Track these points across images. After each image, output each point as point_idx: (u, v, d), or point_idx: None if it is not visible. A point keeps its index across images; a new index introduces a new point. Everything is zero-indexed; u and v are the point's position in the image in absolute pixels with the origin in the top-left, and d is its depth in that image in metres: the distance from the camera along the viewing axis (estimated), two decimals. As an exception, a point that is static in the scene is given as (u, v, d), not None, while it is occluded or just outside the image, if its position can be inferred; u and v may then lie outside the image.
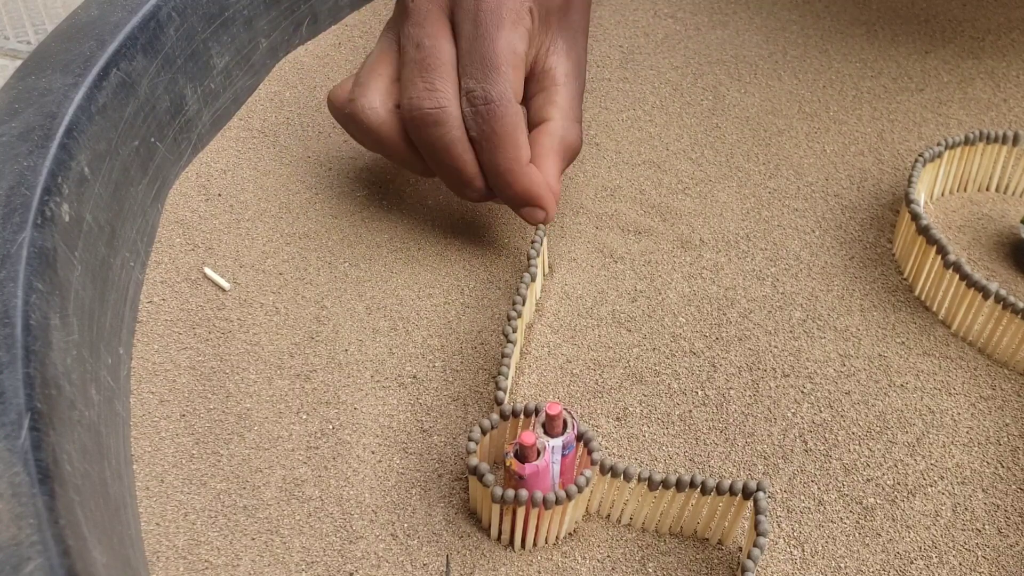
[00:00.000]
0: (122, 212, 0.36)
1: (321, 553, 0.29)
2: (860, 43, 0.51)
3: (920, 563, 0.29)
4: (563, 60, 0.38)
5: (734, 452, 0.32)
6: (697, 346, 0.35)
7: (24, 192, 0.30)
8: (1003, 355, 0.35)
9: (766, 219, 0.41)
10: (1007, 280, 0.38)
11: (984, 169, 0.41)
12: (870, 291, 0.37)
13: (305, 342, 0.35)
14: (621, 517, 0.30)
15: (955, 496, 0.31)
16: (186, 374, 0.34)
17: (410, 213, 0.41)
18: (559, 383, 0.34)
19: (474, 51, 0.35)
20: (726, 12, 0.53)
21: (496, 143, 0.35)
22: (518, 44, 0.36)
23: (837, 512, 0.30)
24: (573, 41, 0.38)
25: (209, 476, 0.31)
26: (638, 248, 0.39)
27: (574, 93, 0.38)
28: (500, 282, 0.38)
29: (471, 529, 0.30)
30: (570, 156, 0.37)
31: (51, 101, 0.34)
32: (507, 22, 0.35)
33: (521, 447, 0.27)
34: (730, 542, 0.29)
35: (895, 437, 0.33)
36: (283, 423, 0.33)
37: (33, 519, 0.22)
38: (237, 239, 0.39)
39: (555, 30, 0.38)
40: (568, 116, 0.37)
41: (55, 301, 0.29)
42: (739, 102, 0.47)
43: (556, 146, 0.36)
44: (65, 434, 0.26)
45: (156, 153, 0.39)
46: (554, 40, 0.38)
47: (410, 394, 0.34)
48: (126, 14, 0.39)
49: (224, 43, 0.44)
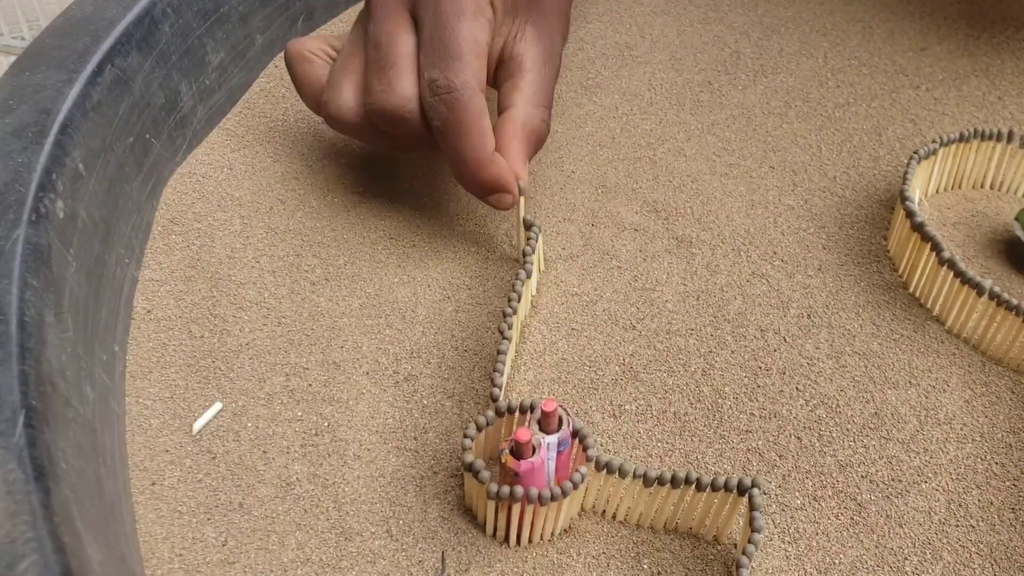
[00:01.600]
0: (117, 209, 0.36)
1: (317, 550, 0.29)
2: (856, 40, 0.51)
3: (914, 559, 0.29)
4: (531, 46, 0.37)
5: (729, 449, 0.32)
6: (692, 343, 0.35)
7: (19, 188, 0.30)
8: (997, 352, 0.35)
9: (761, 216, 0.41)
10: (1001, 277, 0.38)
11: (979, 166, 0.41)
12: (865, 288, 0.38)
13: (300, 340, 0.35)
14: (616, 514, 0.30)
15: (949, 492, 0.31)
16: (181, 371, 0.34)
17: (405, 210, 0.41)
18: (554, 380, 0.34)
19: (436, 41, 0.35)
20: (722, 9, 0.53)
21: (460, 132, 0.35)
22: (480, 34, 0.35)
23: (832, 508, 0.30)
24: (544, 26, 0.38)
25: (204, 474, 0.31)
26: (634, 245, 0.39)
27: (542, 80, 0.37)
28: (495, 279, 0.38)
29: (467, 526, 0.30)
30: (534, 141, 0.37)
31: (46, 97, 0.34)
32: (468, 12, 0.35)
33: (516, 444, 0.27)
34: (725, 538, 0.29)
35: (889, 434, 0.33)
36: (278, 421, 0.33)
37: (28, 516, 0.22)
38: (232, 236, 0.39)
39: (523, 16, 0.38)
40: (531, 102, 0.37)
41: (50, 298, 0.29)
42: (735, 99, 0.47)
43: (518, 132, 0.36)
44: (60, 431, 0.26)
45: (151, 150, 0.39)
46: (522, 27, 0.38)
47: (405, 391, 0.34)
48: (121, 10, 0.38)
49: (219, 39, 0.43)
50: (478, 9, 0.36)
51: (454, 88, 0.34)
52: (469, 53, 0.35)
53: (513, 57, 0.37)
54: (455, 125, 0.35)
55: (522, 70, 0.37)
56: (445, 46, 0.35)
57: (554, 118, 0.45)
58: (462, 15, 0.35)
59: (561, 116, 0.45)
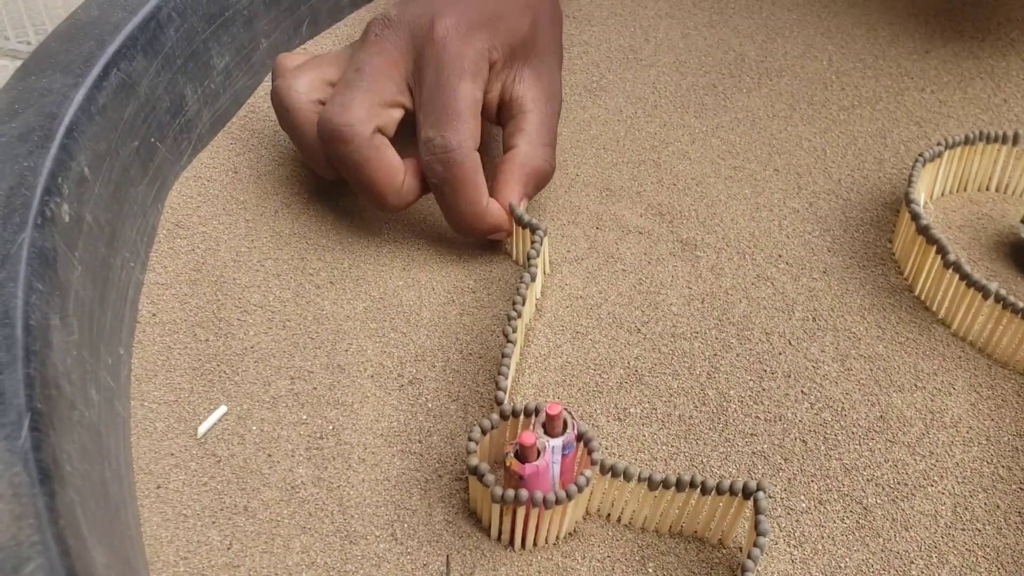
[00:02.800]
0: (122, 212, 0.36)
1: (321, 554, 0.29)
2: (860, 43, 0.51)
3: (920, 563, 0.29)
4: (530, 88, 0.39)
5: (734, 452, 0.32)
6: (697, 346, 0.35)
7: (24, 192, 0.30)
8: (1003, 355, 0.35)
9: (766, 219, 0.41)
10: (1007, 280, 0.38)
11: (984, 169, 0.41)
12: (870, 291, 0.37)
13: (304, 343, 0.35)
14: (621, 517, 0.30)
15: (955, 496, 0.31)
16: (186, 375, 0.34)
17: (410, 214, 0.41)
18: (559, 383, 0.34)
19: (436, 100, 0.36)
20: (726, 12, 0.53)
21: (456, 188, 0.36)
22: (478, 93, 0.37)
23: (837, 512, 0.30)
24: (541, 67, 0.40)
25: (209, 477, 0.31)
26: (638, 248, 0.39)
27: (543, 118, 0.39)
28: (500, 282, 0.38)
29: (471, 529, 0.30)
30: (536, 179, 0.38)
31: (51, 101, 0.34)
32: (468, 73, 0.36)
33: (521, 447, 0.27)
34: (730, 542, 0.29)
35: (895, 437, 0.33)
36: (282, 424, 0.33)
37: (33, 519, 0.22)
38: (236, 239, 0.39)
39: (520, 61, 0.39)
40: (533, 142, 0.38)
41: (55, 301, 0.29)
42: (739, 102, 0.47)
43: (517, 171, 0.37)
44: (65, 434, 0.26)
45: (156, 153, 0.39)
46: (520, 70, 0.39)
47: (410, 394, 0.34)
48: (126, 14, 0.39)
49: (224, 43, 0.44)
50: (477, 70, 0.37)
51: (450, 148, 0.35)
52: (467, 112, 0.36)
53: (514, 99, 0.39)
54: (451, 182, 0.36)
55: (523, 111, 0.39)
56: (444, 106, 0.36)
57: (559, 121, 0.45)
58: (463, 75, 0.36)
59: (566, 119, 0.45)
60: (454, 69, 0.36)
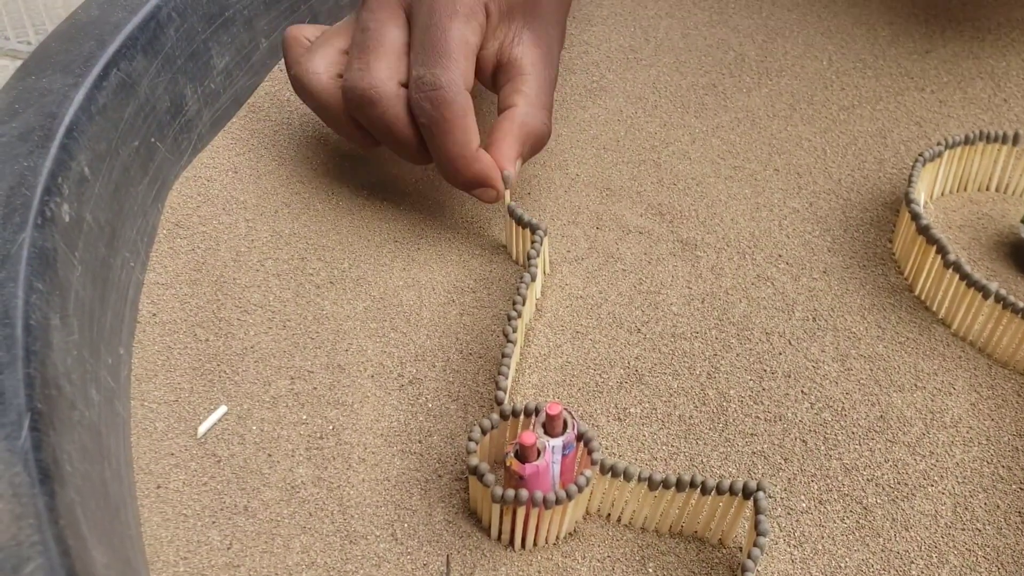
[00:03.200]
0: (122, 212, 0.36)
1: (321, 553, 0.29)
2: (860, 43, 0.51)
3: (920, 563, 0.29)
4: (529, 50, 0.38)
5: (734, 452, 0.32)
6: (697, 346, 0.35)
7: (24, 192, 0.30)
8: (1003, 355, 0.35)
9: (766, 219, 0.41)
10: (1007, 280, 0.38)
11: (984, 169, 0.41)
12: (870, 291, 0.37)
13: (304, 343, 0.35)
14: (621, 517, 0.30)
15: (955, 496, 0.31)
16: (186, 375, 0.34)
17: (410, 213, 0.41)
18: (559, 383, 0.34)
19: (426, 39, 0.35)
20: (726, 12, 0.53)
21: (445, 129, 0.35)
22: (470, 36, 0.36)
23: (837, 512, 0.30)
24: (542, 31, 0.39)
25: (209, 477, 0.31)
26: (638, 248, 0.39)
27: (541, 82, 0.38)
28: (500, 282, 0.38)
29: (471, 529, 0.30)
30: (533, 142, 0.37)
31: (51, 101, 0.34)
32: (460, 14, 0.36)
33: (521, 447, 0.27)
34: (730, 542, 0.29)
35: (895, 437, 0.33)
36: (282, 424, 0.33)
37: (33, 519, 0.22)
38: (236, 239, 0.39)
39: (520, 22, 0.38)
40: (533, 103, 0.37)
41: (55, 301, 0.29)
42: (740, 102, 0.47)
43: (515, 130, 0.37)
44: (65, 434, 0.26)
45: (156, 153, 0.39)
46: (519, 32, 0.38)
47: (410, 394, 0.34)
48: (126, 14, 0.39)
49: (224, 43, 0.44)
50: (471, 12, 0.36)
51: (439, 85, 0.35)
52: (458, 52, 0.35)
53: (511, 60, 0.38)
54: (440, 122, 0.35)
55: (522, 73, 0.38)
56: (434, 44, 0.35)
57: (558, 121, 0.45)
58: (454, 15, 0.36)
59: (565, 119, 0.45)
60: (446, 9, 0.36)
